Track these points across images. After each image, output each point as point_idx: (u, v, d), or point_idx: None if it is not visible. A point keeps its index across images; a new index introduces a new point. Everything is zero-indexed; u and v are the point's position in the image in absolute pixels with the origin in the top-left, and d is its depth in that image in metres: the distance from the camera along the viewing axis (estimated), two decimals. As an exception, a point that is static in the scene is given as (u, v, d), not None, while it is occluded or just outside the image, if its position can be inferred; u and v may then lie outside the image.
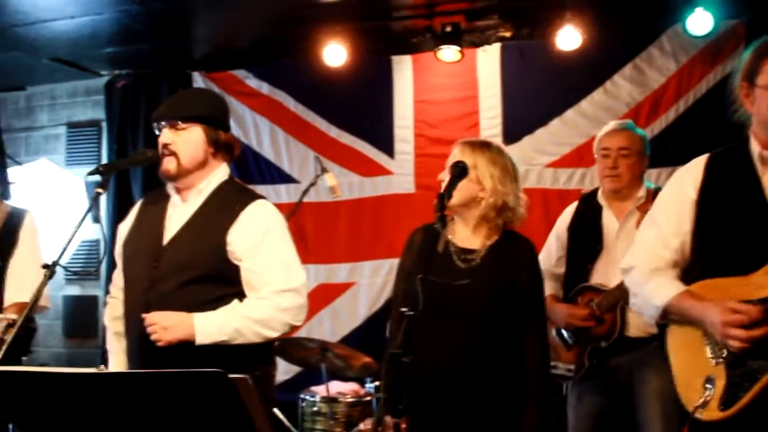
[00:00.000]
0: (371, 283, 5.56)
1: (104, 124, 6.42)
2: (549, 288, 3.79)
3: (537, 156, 5.31)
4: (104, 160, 6.34)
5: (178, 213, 2.87)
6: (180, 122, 2.83)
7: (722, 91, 4.30)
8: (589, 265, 3.63)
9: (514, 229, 3.05)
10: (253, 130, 5.92)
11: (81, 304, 6.42)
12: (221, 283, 2.77)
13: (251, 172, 5.87)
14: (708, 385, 2.30)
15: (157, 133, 2.90)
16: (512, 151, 5.15)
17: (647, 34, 5.15)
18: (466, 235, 3.01)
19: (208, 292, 2.74)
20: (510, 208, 2.99)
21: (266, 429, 1.96)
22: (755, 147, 2.43)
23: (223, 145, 2.92)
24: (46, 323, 6.51)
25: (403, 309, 2.33)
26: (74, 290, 6.50)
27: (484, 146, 3.08)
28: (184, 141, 2.83)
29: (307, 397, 4.52)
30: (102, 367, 1.92)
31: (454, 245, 2.98)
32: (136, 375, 2.22)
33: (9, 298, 3.67)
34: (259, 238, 2.79)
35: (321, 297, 5.64)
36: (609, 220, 3.68)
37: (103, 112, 6.38)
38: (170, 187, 2.94)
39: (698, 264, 2.48)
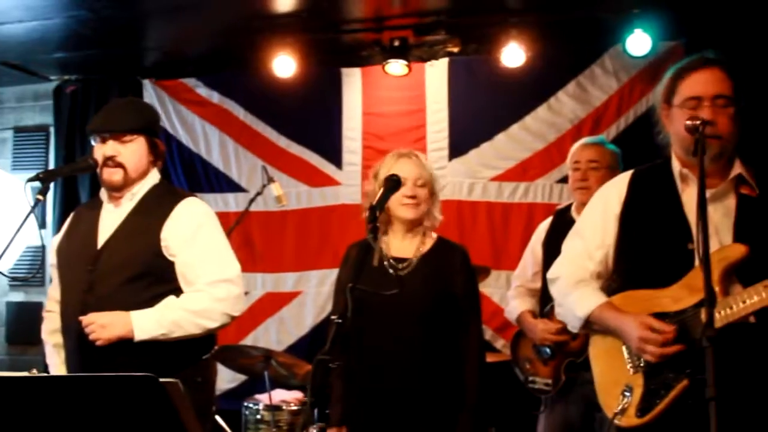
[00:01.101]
0: (318, 292, 5.60)
1: (52, 129, 6.37)
2: (525, 303, 3.91)
3: (482, 169, 5.40)
4: (52, 166, 6.30)
5: (111, 217, 2.92)
6: (126, 134, 2.88)
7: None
8: None
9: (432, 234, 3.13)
10: (203, 138, 5.92)
11: (25, 310, 6.35)
12: (158, 281, 2.81)
13: (200, 180, 5.88)
14: (626, 393, 2.40)
15: (93, 143, 2.93)
16: (458, 164, 5.38)
17: (590, 53, 5.29)
18: (399, 245, 3.08)
19: (146, 290, 2.79)
20: (435, 214, 3.08)
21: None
22: (676, 165, 2.55)
23: (159, 153, 3.00)
24: (-13, 329, 6.44)
25: (333, 317, 2.39)
26: (18, 296, 6.42)
27: (423, 157, 3.16)
28: (130, 152, 2.89)
29: (251, 405, 4.53)
30: (34, 371, 1.95)
31: (388, 256, 3.05)
32: (68, 379, 2.24)
33: None
34: (191, 232, 2.85)
35: (267, 305, 5.67)
36: None
37: (52, 117, 6.33)
38: (103, 194, 2.98)
39: (620, 276, 2.59)
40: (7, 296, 6.41)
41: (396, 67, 5.30)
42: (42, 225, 5.84)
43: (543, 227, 3.98)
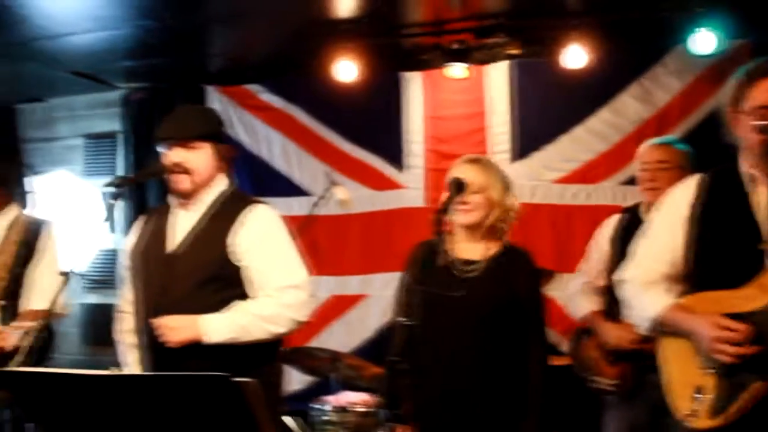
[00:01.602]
0: (382, 295, 5.62)
1: (120, 136, 6.53)
2: (593, 303, 3.88)
3: (545, 172, 5.38)
4: (120, 171, 6.45)
5: (182, 222, 2.99)
6: (194, 141, 2.94)
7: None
8: None
9: (507, 238, 3.14)
10: (266, 143, 6.02)
11: (99, 311, 6.52)
12: (226, 286, 2.87)
13: (263, 185, 5.95)
14: (697, 395, 2.38)
15: (161, 150, 3.00)
16: (520, 167, 5.36)
17: (652, 54, 5.22)
18: (467, 247, 3.09)
19: (215, 294, 2.85)
20: (510, 219, 3.09)
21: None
22: (744, 167, 2.52)
23: (227, 159, 3.05)
24: (65, 331, 6.62)
25: (401, 319, 2.42)
26: (93, 298, 6.60)
27: (487, 163, 3.18)
28: (198, 159, 2.95)
29: (318, 407, 4.57)
30: (114, 369, 2.02)
31: (455, 258, 3.06)
32: (145, 378, 2.32)
33: (25, 306, 3.79)
34: (259, 238, 2.90)
35: (333, 308, 5.73)
36: None
37: (120, 124, 6.50)
38: (172, 199, 3.05)
39: (689, 278, 2.57)
40: (82, 298, 6.60)
41: (456, 70, 5.32)
42: (113, 229, 5.99)
43: (610, 223, 3.94)
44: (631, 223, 3.77)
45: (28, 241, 3.89)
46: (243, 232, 2.90)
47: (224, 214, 2.95)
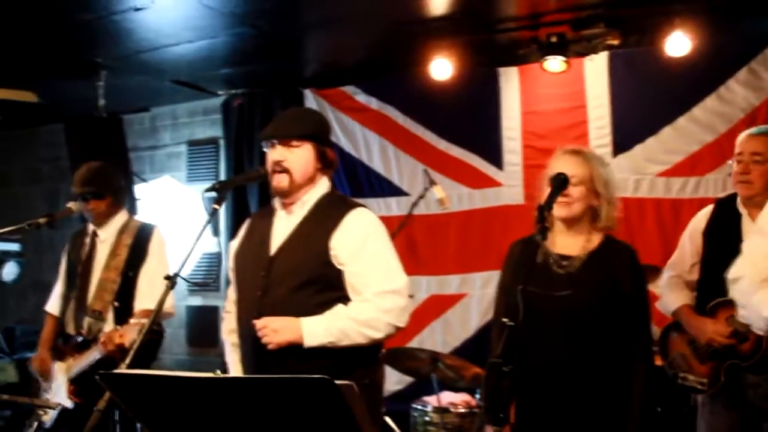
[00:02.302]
0: (482, 294, 5.58)
1: (222, 142, 6.70)
2: (684, 297, 3.73)
3: (648, 165, 5.21)
4: (222, 176, 6.62)
5: (284, 224, 3.01)
6: (294, 140, 2.96)
7: None
8: None
9: (613, 234, 3.05)
10: (363, 144, 6.05)
11: (203, 313, 6.71)
12: (327, 288, 2.88)
13: (362, 186, 6.00)
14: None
15: (265, 150, 3.04)
16: (622, 160, 5.22)
17: (762, 36, 4.98)
18: (566, 243, 3.02)
19: (315, 297, 2.86)
20: (612, 212, 3.01)
21: (371, 434, 2.04)
22: None
23: (328, 161, 3.06)
24: (170, 332, 6.84)
25: (504, 320, 2.38)
26: (197, 300, 6.79)
27: (589, 154, 3.08)
28: (297, 158, 2.96)
29: (419, 407, 4.58)
30: (218, 372, 2.05)
31: (553, 254, 3.00)
32: (247, 380, 2.34)
33: (139, 306, 3.94)
34: (360, 242, 2.90)
35: (432, 308, 5.72)
36: (750, 229, 3.45)
37: (221, 130, 6.67)
38: (276, 202, 3.08)
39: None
40: (186, 300, 6.79)
41: (554, 63, 5.21)
42: (215, 233, 6.14)
43: (703, 216, 3.75)
44: (727, 215, 3.61)
45: (139, 244, 4.04)
46: (344, 235, 2.90)
47: (326, 217, 2.96)
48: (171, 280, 2.72)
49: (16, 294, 4.17)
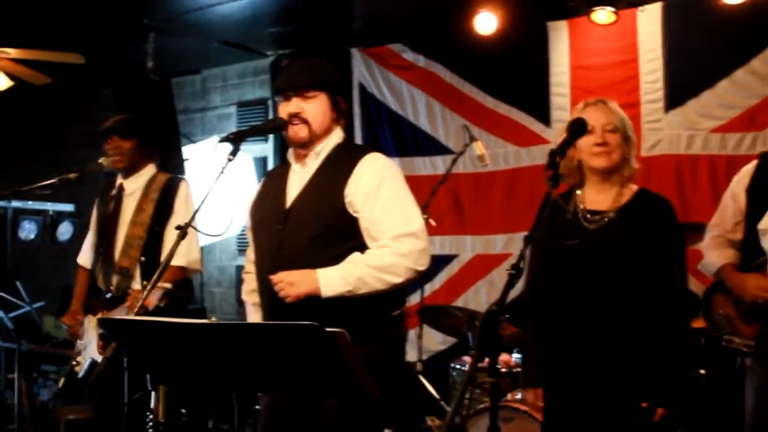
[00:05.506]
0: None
1: (270, 102, 6.70)
2: (727, 255, 3.58)
3: (702, 120, 5.00)
4: (270, 137, 6.62)
5: (299, 177, 2.98)
6: (309, 91, 2.93)
7: None
8: None
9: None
10: (410, 102, 5.98)
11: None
12: (344, 238, 2.84)
13: (408, 145, 5.94)
14: None
15: (279, 102, 3.01)
16: (675, 116, 5.04)
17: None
18: (595, 197, 2.94)
19: (333, 247, 2.82)
20: (632, 163, 2.95)
21: (369, 381, 2.01)
22: None
23: (341, 111, 3.03)
24: (220, 291, 6.94)
25: (507, 269, 2.33)
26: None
27: (612, 102, 2.97)
28: (313, 108, 2.93)
29: (458, 366, 4.54)
30: (213, 318, 2.06)
31: (583, 208, 2.92)
32: (238, 326, 2.36)
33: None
34: (374, 187, 2.85)
35: (477, 268, 5.66)
36: None
37: (270, 91, 6.66)
38: (290, 155, 3.05)
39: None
40: (236, 260, 6.86)
41: (602, 14, 5.03)
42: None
43: (746, 172, 3.57)
44: None
45: (166, 199, 4.00)
46: (358, 182, 2.86)
47: (340, 166, 2.92)
48: (182, 231, 2.71)
49: (74, 253, 4.28)
